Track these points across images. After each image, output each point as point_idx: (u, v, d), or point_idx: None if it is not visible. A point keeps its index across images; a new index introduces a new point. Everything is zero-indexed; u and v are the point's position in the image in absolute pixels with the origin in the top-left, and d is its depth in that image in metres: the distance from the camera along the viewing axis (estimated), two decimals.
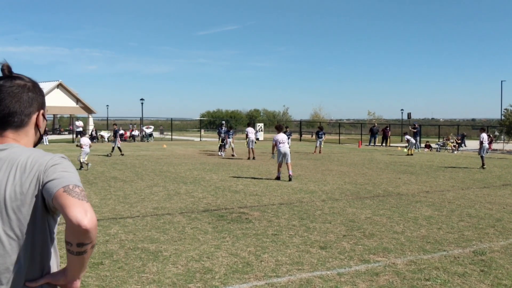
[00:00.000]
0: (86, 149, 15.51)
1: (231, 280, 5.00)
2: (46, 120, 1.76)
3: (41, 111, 1.68)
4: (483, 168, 17.73)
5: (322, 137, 25.82)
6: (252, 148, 21.14)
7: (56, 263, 1.62)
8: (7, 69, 1.63)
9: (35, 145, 1.69)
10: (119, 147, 21.97)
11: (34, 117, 1.65)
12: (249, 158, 20.69)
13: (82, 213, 1.39)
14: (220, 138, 23.64)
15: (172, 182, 12.72)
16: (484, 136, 18.35)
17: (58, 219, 1.62)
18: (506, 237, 7.06)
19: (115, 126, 23.09)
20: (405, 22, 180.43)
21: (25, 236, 1.51)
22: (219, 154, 22.90)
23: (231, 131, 23.44)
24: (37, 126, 1.67)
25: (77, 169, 8.88)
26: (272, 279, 5.04)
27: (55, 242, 1.61)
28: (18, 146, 1.58)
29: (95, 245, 1.48)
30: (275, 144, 13.55)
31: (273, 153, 13.82)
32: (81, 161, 15.41)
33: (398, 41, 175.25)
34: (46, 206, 1.52)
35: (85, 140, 16.02)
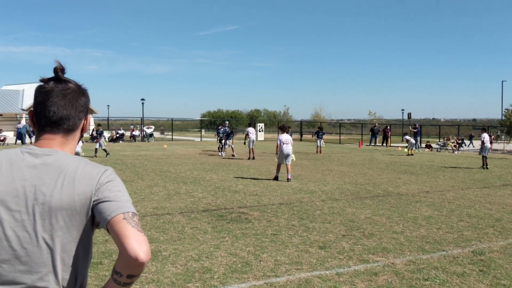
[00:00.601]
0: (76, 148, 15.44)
1: (230, 279, 5.01)
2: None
3: (88, 116, 1.69)
4: (486, 168, 17.66)
5: (321, 137, 26.02)
6: (252, 148, 21.18)
7: (87, 277, 1.58)
8: (60, 71, 1.59)
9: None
10: (96, 148, 21.75)
11: (83, 122, 1.65)
12: (249, 158, 20.71)
13: (140, 246, 1.37)
14: (219, 138, 23.65)
15: (172, 182, 12.73)
16: (486, 136, 18.29)
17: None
18: (505, 237, 7.06)
19: (99, 127, 22.58)
20: (405, 22, 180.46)
21: (65, 246, 1.47)
22: (219, 154, 22.94)
23: (231, 134, 23.34)
24: (82, 129, 1.67)
25: None
26: (271, 279, 5.05)
27: (91, 254, 1.58)
28: (63, 153, 1.55)
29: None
30: (279, 144, 13.47)
31: (277, 153, 13.74)
32: None
33: (398, 40, 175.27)
34: (92, 221, 1.50)
35: None
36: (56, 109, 1.56)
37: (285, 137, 13.46)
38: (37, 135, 1.60)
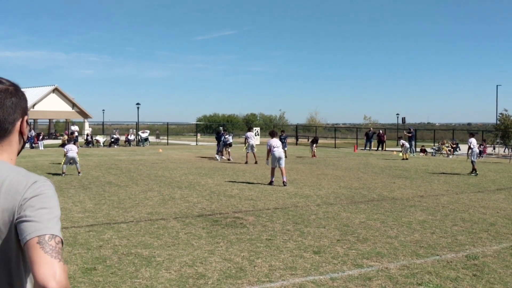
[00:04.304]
0: (70, 153, 15.10)
1: (224, 285, 5.00)
2: (30, 126, 1.64)
3: (25, 117, 1.55)
4: (473, 173, 17.31)
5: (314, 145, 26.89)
6: (249, 152, 21.29)
7: None
8: None
9: (18, 153, 1.58)
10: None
11: (18, 124, 1.51)
12: (246, 162, 20.75)
13: (50, 274, 1.24)
14: (221, 144, 23.60)
15: (167, 187, 12.70)
16: (473, 140, 17.90)
17: None
18: (499, 241, 7.09)
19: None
20: (400, 27, 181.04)
21: None
22: (215, 158, 22.95)
23: (230, 142, 23.30)
24: (21, 133, 1.54)
25: (61, 174, 8.64)
26: (265, 284, 5.05)
27: (29, 273, 1.44)
28: None
29: None
30: (269, 149, 13.62)
31: (267, 158, 13.90)
32: (64, 169, 15.22)
33: (393, 45, 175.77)
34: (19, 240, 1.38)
35: (69, 146, 15.56)
36: None
37: (275, 141, 13.67)
38: None
